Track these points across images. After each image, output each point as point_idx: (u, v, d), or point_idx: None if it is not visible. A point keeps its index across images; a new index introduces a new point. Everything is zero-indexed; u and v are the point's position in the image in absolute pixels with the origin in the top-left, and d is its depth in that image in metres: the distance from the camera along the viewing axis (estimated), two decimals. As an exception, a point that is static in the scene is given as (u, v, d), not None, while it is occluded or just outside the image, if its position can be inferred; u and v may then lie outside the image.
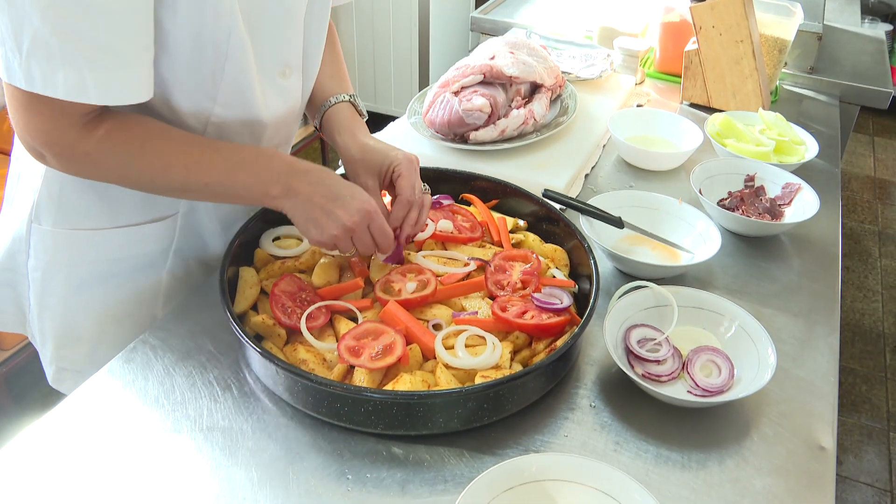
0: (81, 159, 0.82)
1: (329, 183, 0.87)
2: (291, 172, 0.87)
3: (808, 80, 1.76)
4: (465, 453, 0.80)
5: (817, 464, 0.82)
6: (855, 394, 2.34)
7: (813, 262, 1.16)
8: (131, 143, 0.82)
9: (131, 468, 0.77)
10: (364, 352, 0.82)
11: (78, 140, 0.80)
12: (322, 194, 0.86)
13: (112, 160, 0.83)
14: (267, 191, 0.86)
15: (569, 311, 0.91)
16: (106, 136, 0.81)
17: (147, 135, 0.84)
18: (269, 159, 0.87)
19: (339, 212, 0.86)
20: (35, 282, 1.00)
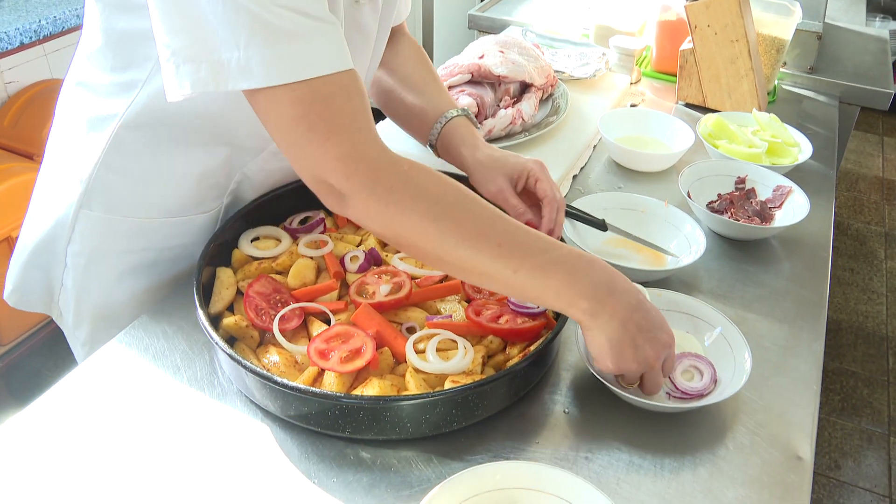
0: (392, 191, 0.72)
1: (646, 309, 0.78)
2: (611, 288, 0.77)
3: (808, 80, 1.74)
4: (434, 459, 0.79)
5: (793, 475, 0.80)
6: (856, 397, 2.31)
7: (802, 266, 1.14)
8: (437, 187, 0.74)
9: (98, 465, 0.76)
10: (333, 354, 0.82)
11: (382, 166, 0.72)
12: (636, 322, 0.77)
13: (420, 205, 0.73)
14: (578, 301, 0.75)
15: (545, 315, 0.90)
16: (413, 172, 0.74)
17: (458, 191, 0.76)
18: (589, 264, 0.77)
19: (647, 346, 0.77)
20: (77, 266, 1.00)
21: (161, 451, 0.79)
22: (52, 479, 0.75)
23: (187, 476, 0.76)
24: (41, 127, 2.20)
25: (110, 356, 0.90)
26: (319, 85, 0.70)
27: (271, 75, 0.68)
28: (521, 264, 0.75)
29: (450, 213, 0.74)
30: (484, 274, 0.76)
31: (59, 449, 0.78)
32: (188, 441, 0.80)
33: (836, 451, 2.13)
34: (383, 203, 0.72)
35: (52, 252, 1.01)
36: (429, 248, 0.75)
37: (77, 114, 0.95)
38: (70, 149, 0.97)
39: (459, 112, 1.04)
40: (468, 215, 0.75)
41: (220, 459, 0.78)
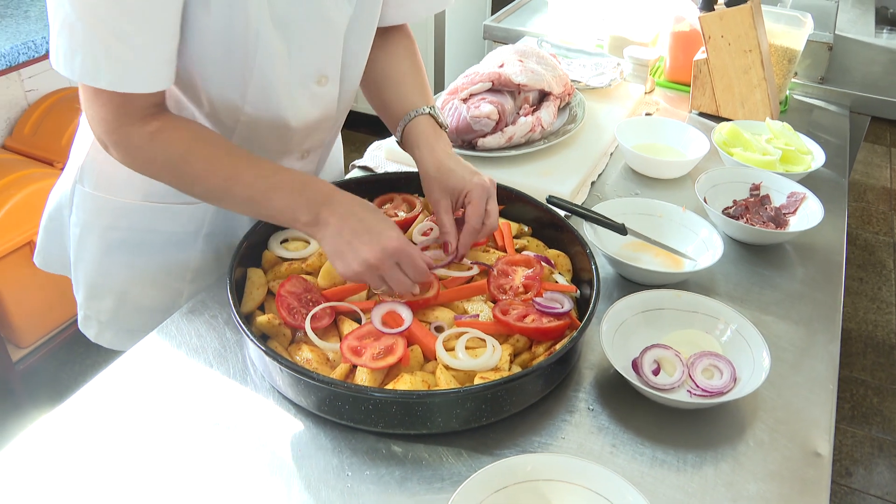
0: (135, 153, 0.87)
1: (360, 216, 0.87)
2: (324, 202, 0.87)
3: (819, 90, 1.76)
4: (464, 453, 0.81)
5: (812, 470, 0.83)
6: (866, 406, 2.33)
7: (816, 270, 1.16)
8: (179, 144, 0.87)
9: (135, 460, 0.79)
10: (366, 352, 0.84)
11: (132, 133, 0.85)
12: (351, 228, 0.86)
13: (160, 157, 0.87)
14: (297, 217, 0.87)
15: (569, 315, 0.92)
16: (157, 132, 0.86)
17: (195, 139, 0.88)
18: (303, 185, 0.88)
19: (363, 247, 0.85)
20: (74, 236, 1.10)
21: (196, 446, 0.81)
22: (87, 472, 0.78)
23: (223, 470, 0.78)
24: (61, 134, 2.24)
25: (145, 354, 0.93)
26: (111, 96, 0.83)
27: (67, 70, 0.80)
28: (243, 191, 0.88)
29: (182, 166, 0.88)
30: (223, 201, 0.91)
31: (95, 444, 0.81)
32: (223, 436, 0.82)
33: (848, 459, 2.14)
34: (133, 157, 0.89)
35: (60, 220, 1.13)
36: (179, 189, 0.91)
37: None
38: (84, 126, 1.07)
39: (425, 110, 1.03)
40: (201, 164, 0.88)
41: (254, 454, 0.80)
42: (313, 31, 0.92)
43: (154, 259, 1.09)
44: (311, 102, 0.99)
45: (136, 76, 0.81)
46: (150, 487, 0.76)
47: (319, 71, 0.97)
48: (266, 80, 0.91)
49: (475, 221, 0.94)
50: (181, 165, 0.88)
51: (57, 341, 2.10)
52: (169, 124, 0.87)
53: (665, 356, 0.91)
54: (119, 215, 1.06)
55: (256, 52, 0.88)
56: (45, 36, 1.85)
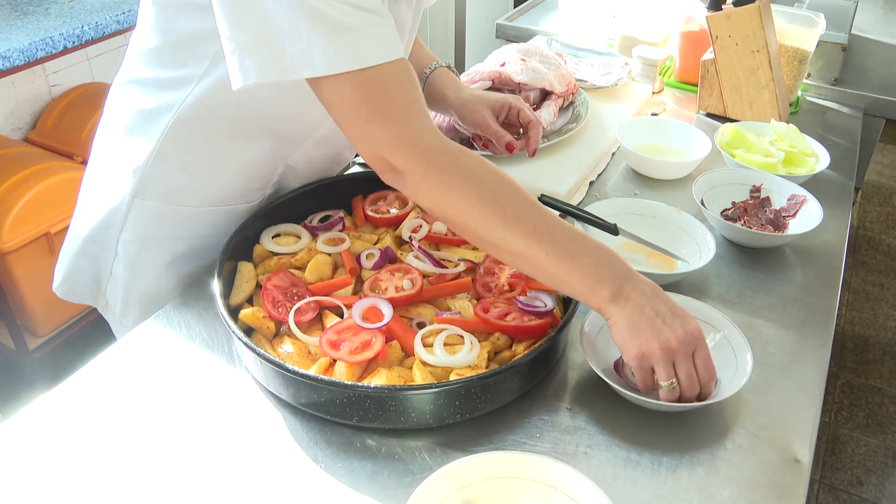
0: (444, 171, 0.78)
1: (663, 298, 0.82)
2: (629, 276, 0.81)
3: (832, 91, 1.73)
4: (437, 449, 0.82)
5: (790, 476, 0.81)
6: (882, 414, 2.28)
7: (814, 275, 1.15)
8: (484, 172, 0.80)
9: (113, 447, 0.81)
10: (344, 346, 0.85)
11: (434, 146, 0.78)
12: (654, 307, 0.80)
13: (468, 183, 0.79)
14: (599, 288, 0.80)
15: (552, 314, 0.92)
16: (461, 154, 0.79)
17: (497, 173, 0.82)
18: (611, 256, 0.82)
19: (666, 329, 0.79)
20: (129, 254, 1.06)
21: (176, 434, 0.83)
22: (67, 462, 0.80)
23: (198, 457, 0.80)
24: (81, 128, 2.29)
25: (135, 343, 0.95)
26: (375, 72, 0.76)
27: (332, 64, 0.74)
28: (552, 249, 0.80)
29: (493, 197, 0.80)
30: (519, 255, 0.81)
31: (79, 434, 0.83)
32: (203, 425, 0.84)
33: (860, 468, 2.10)
34: (434, 182, 0.79)
35: (104, 241, 1.07)
36: (472, 227, 0.81)
37: (129, 109, 1.01)
38: (122, 143, 1.03)
39: (442, 63, 1.17)
40: (510, 200, 0.81)
41: (232, 443, 0.82)
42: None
43: (208, 263, 1.10)
44: None
45: (396, 43, 0.78)
46: (123, 473, 0.78)
47: None
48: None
49: (532, 116, 1.14)
50: (488, 197, 0.79)
51: (73, 331, 2.15)
52: (463, 147, 0.80)
53: None
54: (185, 224, 1.06)
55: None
56: (62, 32, 1.89)
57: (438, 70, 1.16)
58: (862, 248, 3.06)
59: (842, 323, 2.64)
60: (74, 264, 1.11)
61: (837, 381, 2.40)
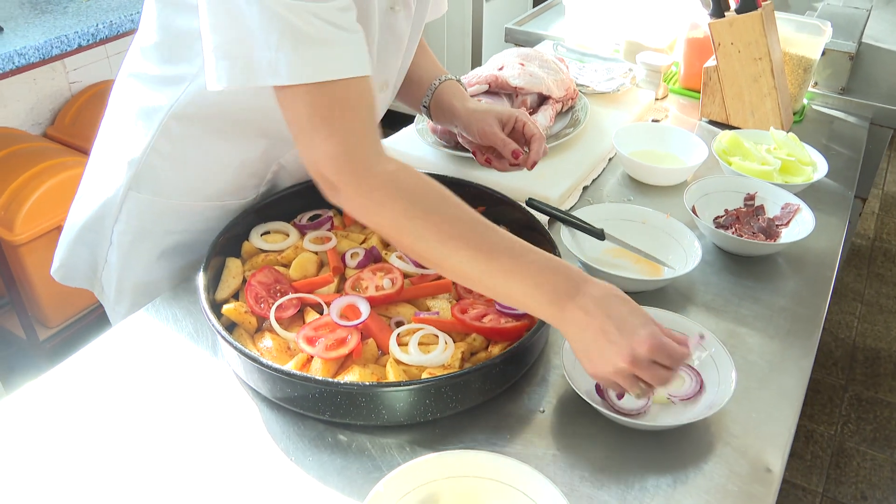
0: (375, 189, 0.79)
1: (609, 312, 0.77)
2: (575, 291, 0.78)
3: (839, 100, 1.71)
4: (406, 446, 0.83)
5: (759, 486, 0.81)
6: (890, 428, 2.24)
7: (803, 285, 1.14)
8: (421, 190, 0.81)
9: (97, 433, 0.83)
10: (320, 342, 0.87)
11: (376, 163, 0.79)
12: (598, 327, 0.76)
13: (400, 201, 0.79)
14: (546, 303, 0.78)
15: (528, 317, 0.93)
16: (397, 175, 0.80)
17: (436, 190, 0.82)
18: (556, 269, 0.79)
19: (612, 352, 0.75)
20: (123, 244, 1.09)
21: (155, 423, 0.85)
22: (48, 446, 0.82)
23: (176, 446, 0.82)
24: (98, 124, 2.34)
25: (123, 333, 0.98)
26: (332, 88, 0.78)
27: (294, 75, 0.76)
28: (492, 267, 0.79)
29: (427, 215, 0.80)
30: (459, 273, 0.81)
31: (64, 420, 0.86)
32: (182, 415, 0.86)
33: (864, 483, 2.07)
34: (366, 199, 0.80)
35: (100, 230, 1.11)
36: (406, 243, 0.81)
37: (129, 103, 1.04)
38: (121, 135, 1.06)
39: (450, 76, 1.19)
40: (446, 218, 0.80)
41: (208, 433, 0.84)
42: (387, 48, 0.99)
43: (200, 257, 1.07)
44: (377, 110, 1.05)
45: (363, 61, 0.79)
46: (100, 457, 0.80)
47: (385, 80, 1.04)
48: None
49: (538, 132, 1.14)
50: (422, 217, 0.79)
51: (82, 322, 2.20)
52: (405, 169, 0.81)
53: None
54: (178, 218, 1.08)
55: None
56: (77, 31, 1.93)
57: (447, 82, 1.18)
58: (878, 261, 3.01)
59: (853, 335, 2.60)
60: (71, 250, 1.15)
61: (846, 393, 2.36)
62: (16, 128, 2.33)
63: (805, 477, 2.09)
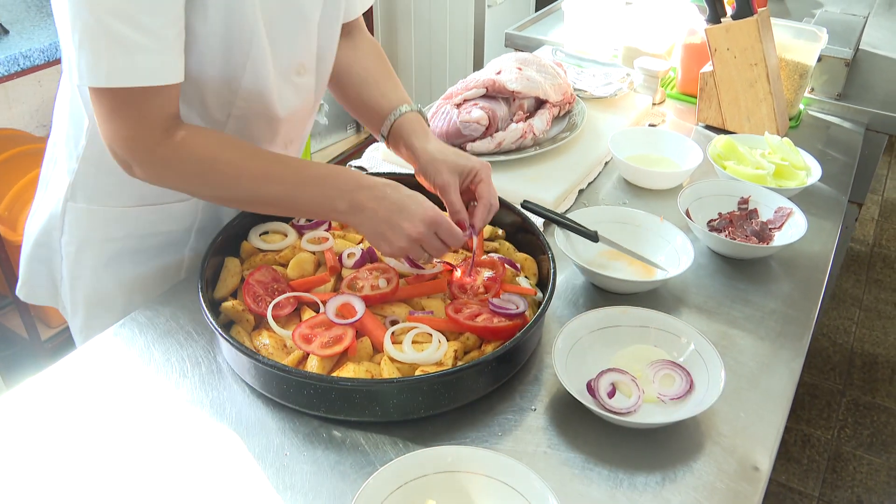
0: (163, 165, 0.89)
1: (393, 197, 0.90)
2: (357, 188, 0.91)
3: (835, 106, 1.73)
4: (399, 442, 0.84)
5: (747, 484, 0.82)
6: (887, 433, 2.25)
7: (796, 287, 1.15)
8: (206, 151, 0.89)
9: (95, 432, 0.85)
10: (316, 340, 0.88)
11: (159, 144, 0.87)
12: (387, 208, 0.90)
13: (189, 167, 0.89)
14: (334, 206, 0.91)
15: (523, 317, 0.94)
16: (184, 141, 0.88)
17: (221, 145, 0.90)
18: (336, 176, 0.92)
19: (404, 224, 0.89)
20: (69, 255, 1.10)
21: (149, 421, 0.86)
22: (64, 428, 0.84)
23: (170, 441, 0.84)
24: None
25: (120, 334, 0.99)
26: (127, 93, 0.84)
27: (91, 77, 0.81)
28: (276, 188, 0.91)
29: (211, 173, 0.90)
30: (255, 203, 0.94)
31: (67, 416, 0.87)
32: (177, 412, 0.87)
33: (860, 487, 2.08)
34: (160, 170, 0.90)
35: (50, 245, 1.11)
36: (207, 197, 0.96)
37: (63, 112, 1.05)
38: (59, 146, 1.08)
39: (412, 108, 1.09)
40: (231, 168, 0.90)
41: (203, 429, 0.85)
42: (293, 25, 0.98)
43: (151, 263, 1.12)
44: (294, 92, 1.05)
45: (163, 69, 0.84)
46: (99, 452, 0.82)
47: (299, 62, 1.02)
48: (258, 74, 0.96)
49: (492, 197, 1.00)
50: (210, 173, 0.90)
51: (85, 322, 2.22)
52: (192, 133, 0.89)
53: (621, 380, 0.91)
54: (116, 225, 1.08)
55: (250, 51, 0.93)
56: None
57: (409, 115, 1.08)
58: (877, 266, 3.02)
59: (851, 340, 2.60)
60: (30, 267, 1.15)
61: (843, 398, 2.37)
62: (21, 129, 2.35)
63: (802, 481, 2.10)
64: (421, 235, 0.90)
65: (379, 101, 1.10)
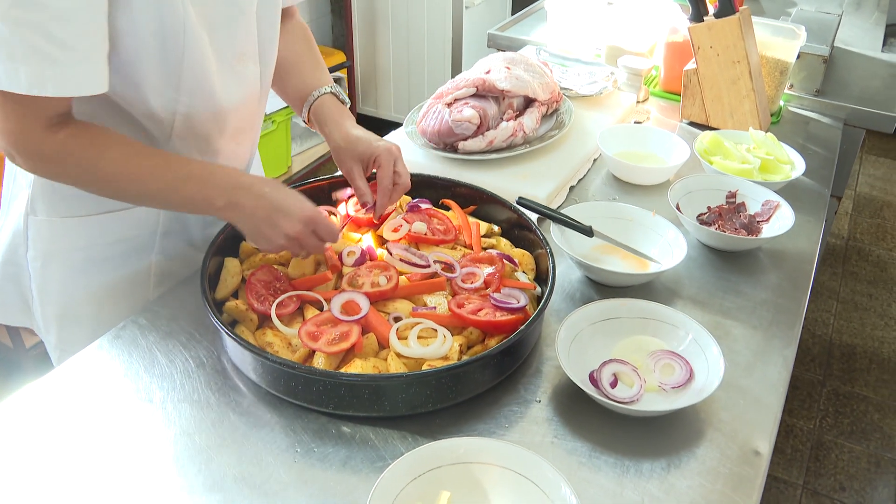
0: (45, 160, 0.89)
1: (272, 197, 0.93)
2: (235, 186, 0.93)
3: (814, 102, 1.77)
4: (408, 436, 0.85)
5: (748, 468, 0.85)
6: (866, 422, 2.30)
7: (784, 278, 1.18)
8: (90, 149, 0.89)
9: (106, 432, 0.84)
10: (322, 337, 0.89)
11: (42, 140, 0.87)
12: (265, 207, 0.92)
13: (72, 163, 0.89)
14: (211, 203, 0.92)
15: (524, 311, 0.96)
16: (67, 139, 0.88)
17: (106, 142, 0.91)
18: (211, 173, 0.94)
19: (282, 223, 0.92)
20: (35, 271, 1.08)
21: (160, 419, 0.86)
22: (74, 430, 0.84)
23: (181, 440, 0.84)
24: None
25: (124, 336, 0.99)
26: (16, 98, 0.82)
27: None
28: (155, 186, 0.92)
29: (95, 171, 0.91)
30: (140, 199, 0.96)
31: (71, 420, 0.87)
32: (187, 410, 0.87)
33: (843, 474, 2.13)
34: (42, 165, 0.91)
35: (17, 262, 1.10)
36: (95, 192, 0.95)
37: None
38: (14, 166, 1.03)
39: (326, 90, 1.12)
40: (113, 165, 0.91)
41: (212, 428, 0.85)
42: (228, 14, 0.96)
43: (118, 272, 1.10)
44: (237, 82, 1.03)
45: (80, 80, 0.83)
46: (112, 454, 0.81)
47: (239, 51, 1.01)
48: (196, 67, 0.95)
49: (386, 182, 1.05)
50: (93, 170, 0.90)
51: (69, 329, 2.19)
52: (78, 130, 0.89)
53: (623, 370, 0.93)
54: (78, 234, 1.06)
55: (185, 43, 0.91)
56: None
57: (325, 97, 1.11)
58: (852, 259, 3.09)
59: (830, 332, 2.66)
60: (2, 285, 1.13)
61: (823, 388, 2.42)
62: None
63: (786, 470, 2.14)
64: (299, 234, 0.92)
65: (297, 87, 1.14)
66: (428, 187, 1.20)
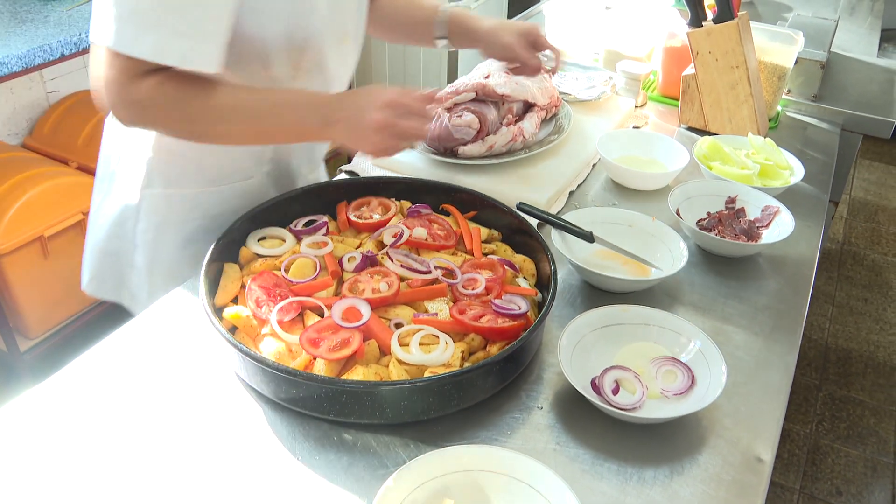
0: (144, 103, 0.92)
1: (350, 100, 0.96)
2: (329, 104, 0.97)
3: (812, 107, 1.78)
4: (411, 443, 0.85)
5: (752, 475, 0.85)
6: (862, 426, 2.31)
7: (785, 284, 1.18)
8: (182, 88, 0.93)
9: (103, 438, 0.84)
10: (323, 344, 0.88)
11: (140, 86, 0.91)
12: (351, 111, 0.96)
13: (167, 101, 0.92)
14: (309, 125, 0.96)
15: (526, 317, 0.95)
16: (162, 82, 0.91)
17: (196, 81, 0.93)
18: (308, 98, 0.98)
19: (367, 120, 0.94)
20: (146, 243, 1.16)
21: (160, 427, 0.86)
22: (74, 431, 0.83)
23: (182, 451, 0.83)
24: (77, 134, 2.33)
25: (125, 341, 0.98)
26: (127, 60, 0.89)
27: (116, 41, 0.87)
28: (255, 118, 0.96)
29: (187, 108, 0.94)
30: (233, 136, 0.99)
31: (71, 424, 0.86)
32: (186, 419, 0.87)
33: (839, 478, 2.13)
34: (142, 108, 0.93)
35: (123, 235, 1.17)
36: (186, 134, 0.99)
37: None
38: (127, 139, 1.13)
39: (451, 5, 1.28)
40: (203, 101, 0.94)
41: (213, 436, 0.85)
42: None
43: None
44: (341, 61, 1.13)
45: (201, 56, 0.90)
46: (109, 454, 0.81)
47: (344, 31, 1.10)
48: (317, 46, 1.04)
49: (556, 44, 1.28)
50: (185, 107, 0.94)
51: (64, 333, 2.18)
52: (171, 73, 0.93)
53: (625, 377, 0.92)
54: (191, 206, 1.15)
55: (312, 23, 0.99)
56: (60, 40, 1.93)
57: (455, 10, 1.26)
58: (847, 264, 3.10)
59: (825, 336, 2.67)
60: (100, 262, 1.20)
61: (819, 392, 2.43)
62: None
63: (783, 475, 2.15)
64: (388, 119, 0.94)
65: (419, 15, 1.29)
66: (428, 192, 1.20)
